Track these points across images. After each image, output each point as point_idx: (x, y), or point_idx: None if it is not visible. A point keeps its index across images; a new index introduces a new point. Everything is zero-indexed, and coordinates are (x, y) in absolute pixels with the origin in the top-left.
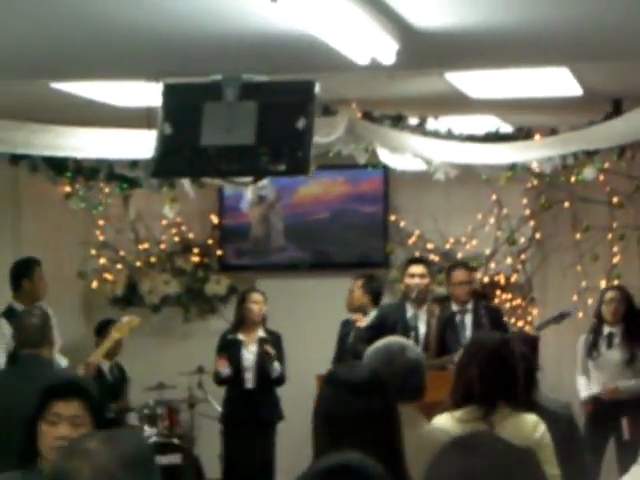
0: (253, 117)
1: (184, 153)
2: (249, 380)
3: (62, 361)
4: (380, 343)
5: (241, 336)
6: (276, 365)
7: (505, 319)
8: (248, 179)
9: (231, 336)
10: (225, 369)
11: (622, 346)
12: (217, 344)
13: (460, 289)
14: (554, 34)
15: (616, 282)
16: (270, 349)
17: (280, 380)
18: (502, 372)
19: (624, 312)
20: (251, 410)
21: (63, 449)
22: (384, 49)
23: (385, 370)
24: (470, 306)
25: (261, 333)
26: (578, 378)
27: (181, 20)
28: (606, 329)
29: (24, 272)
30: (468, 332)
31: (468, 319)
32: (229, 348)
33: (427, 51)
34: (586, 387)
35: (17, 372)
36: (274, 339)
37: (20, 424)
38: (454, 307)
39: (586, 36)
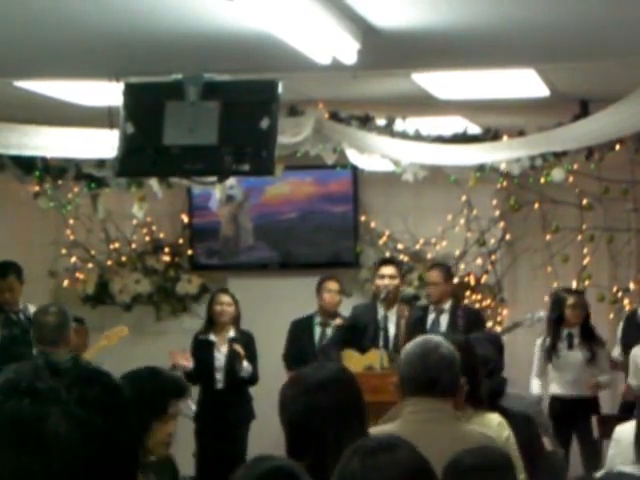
0: (216, 117)
1: (147, 153)
2: (220, 381)
3: None
4: (419, 339)
5: (212, 337)
6: (245, 365)
7: (484, 322)
8: (213, 179)
9: (203, 337)
10: (186, 363)
11: (582, 346)
12: (190, 345)
13: (431, 289)
14: (518, 35)
15: (587, 282)
16: (239, 349)
17: (252, 380)
18: (464, 372)
19: (585, 315)
20: (221, 410)
21: None
22: (345, 49)
23: (418, 365)
24: (447, 306)
25: (232, 333)
26: (533, 379)
27: (140, 18)
28: (564, 331)
29: None
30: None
31: (444, 319)
32: (201, 349)
33: (389, 51)
34: (539, 388)
35: None
36: (246, 339)
37: None
38: (431, 306)
39: (551, 37)
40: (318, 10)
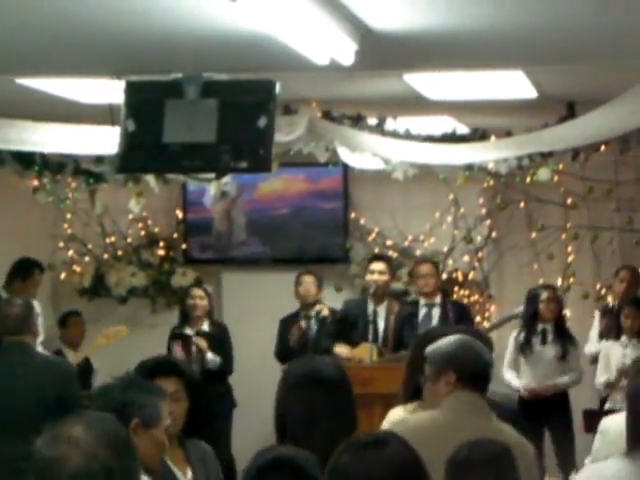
0: (214, 115)
1: (147, 149)
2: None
3: None
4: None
5: (188, 330)
6: (210, 357)
7: (472, 317)
8: (210, 175)
9: (178, 330)
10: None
11: (555, 342)
12: (167, 338)
13: (424, 280)
14: (509, 37)
15: (571, 280)
16: (201, 341)
17: (223, 371)
18: None
19: (559, 310)
20: (198, 402)
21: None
22: (343, 50)
23: (469, 359)
24: (438, 300)
25: (205, 326)
26: (506, 371)
27: (141, 18)
28: (539, 326)
29: (20, 271)
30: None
31: (436, 313)
32: (176, 341)
33: (386, 52)
34: (516, 379)
35: (1, 358)
36: (217, 331)
37: (8, 407)
38: (422, 301)
39: (540, 39)
40: (316, 11)
